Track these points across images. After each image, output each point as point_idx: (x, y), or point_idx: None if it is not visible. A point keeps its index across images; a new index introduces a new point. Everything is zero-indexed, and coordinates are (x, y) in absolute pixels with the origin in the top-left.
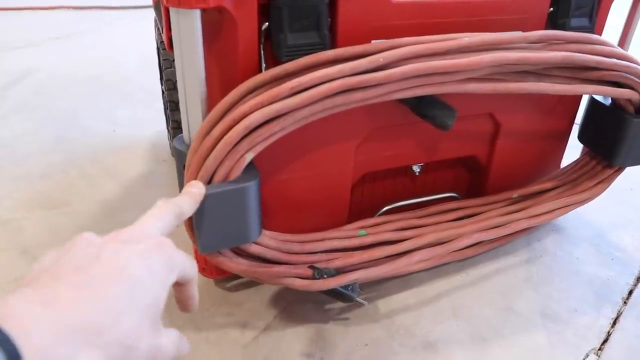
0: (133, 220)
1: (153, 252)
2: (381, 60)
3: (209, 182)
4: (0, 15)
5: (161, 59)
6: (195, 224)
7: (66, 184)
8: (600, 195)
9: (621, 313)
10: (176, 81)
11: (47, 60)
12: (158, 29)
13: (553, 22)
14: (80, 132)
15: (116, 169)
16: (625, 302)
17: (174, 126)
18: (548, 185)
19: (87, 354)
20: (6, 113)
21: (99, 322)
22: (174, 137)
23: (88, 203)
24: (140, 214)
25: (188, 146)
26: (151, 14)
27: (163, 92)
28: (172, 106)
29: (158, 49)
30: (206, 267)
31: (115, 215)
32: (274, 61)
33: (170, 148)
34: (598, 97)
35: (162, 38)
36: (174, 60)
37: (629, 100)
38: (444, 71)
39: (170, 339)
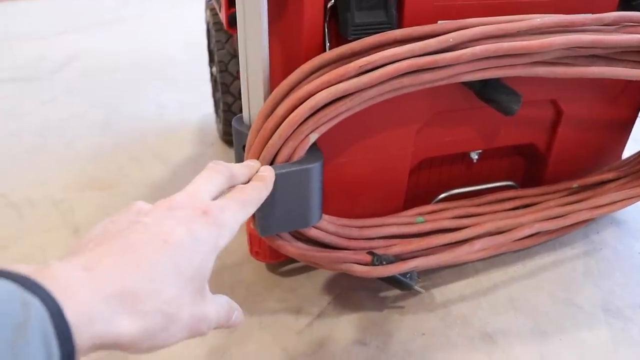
0: None
1: (199, 219)
2: (451, 40)
3: (271, 162)
4: (47, 1)
5: (213, 40)
6: None
7: (115, 166)
8: None
9: None
10: (228, 62)
11: (92, 45)
12: (211, 9)
13: (627, 2)
14: (127, 115)
15: (164, 152)
16: None
17: (225, 108)
18: (610, 175)
19: (126, 318)
20: (55, 96)
21: (139, 289)
22: (224, 119)
23: (137, 185)
24: None
25: (248, 126)
26: None
27: (212, 74)
28: (223, 88)
29: (208, 30)
30: (260, 251)
31: (163, 197)
32: (338, 40)
33: (218, 131)
34: None
35: (214, 19)
36: (226, 42)
37: None
38: (515, 53)
39: (216, 307)
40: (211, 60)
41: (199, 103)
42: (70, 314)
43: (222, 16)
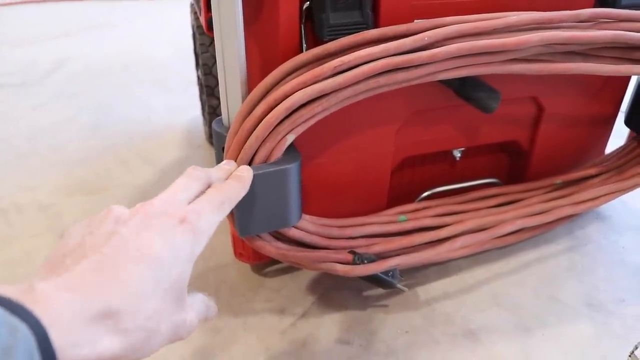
0: None
1: (177, 228)
2: (426, 39)
3: (249, 163)
4: (37, 7)
5: (197, 43)
6: (235, 206)
7: (103, 170)
8: None
9: None
10: (212, 65)
11: (81, 50)
12: (195, 13)
13: None
14: (116, 119)
15: (152, 155)
16: None
17: (210, 111)
18: (592, 171)
19: (109, 338)
20: (45, 101)
21: (122, 308)
22: (210, 122)
23: (125, 188)
24: None
25: (227, 128)
26: (181, 3)
27: (198, 77)
28: (208, 91)
29: (194, 34)
30: (243, 252)
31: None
32: (315, 41)
33: (205, 133)
34: None
35: (198, 23)
36: (210, 45)
37: None
38: (491, 50)
39: (195, 311)
40: (197, 64)
41: (187, 106)
42: (56, 338)
43: (202, 19)
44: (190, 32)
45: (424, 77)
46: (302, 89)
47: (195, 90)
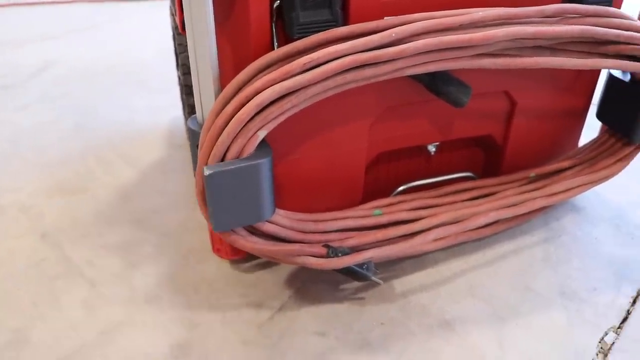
0: (149, 204)
1: None
2: (393, 35)
3: (221, 159)
4: (21, 9)
5: (176, 43)
6: (208, 201)
7: (85, 171)
8: (619, 175)
9: None
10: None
11: (65, 53)
12: (172, 14)
13: None
14: (99, 121)
15: (133, 156)
16: None
17: (189, 111)
18: (565, 164)
19: None
20: (27, 104)
21: None
22: None
23: (106, 188)
24: (156, 198)
25: (201, 126)
26: (166, 5)
27: (179, 77)
28: (187, 90)
29: (174, 35)
30: (221, 248)
31: (132, 200)
32: (286, 39)
33: (186, 133)
34: (617, 74)
35: (176, 24)
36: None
37: None
38: (457, 46)
39: None
40: (177, 64)
41: (170, 106)
42: None
43: (177, 20)
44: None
45: (392, 72)
46: (271, 85)
47: (177, 91)
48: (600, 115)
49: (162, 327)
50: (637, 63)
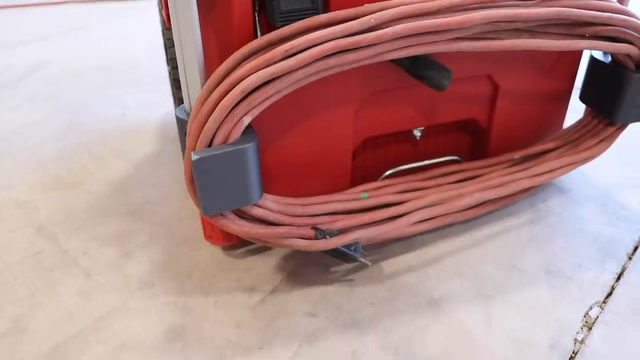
0: (142, 196)
1: None
2: (372, 21)
3: (209, 145)
4: (14, 11)
5: (165, 38)
6: (197, 186)
7: (78, 167)
8: (605, 156)
9: (626, 268)
10: None
11: (58, 53)
12: (160, 9)
13: None
14: (91, 118)
15: (126, 150)
16: (630, 258)
17: (179, 104)
18: (550, 145)
19: None
20: (19, 103)
21: None
22: None
23: (99, 183)
24: (149, 190)
25: (189, 114)
26: (156, 5)
27: (169, 72)
28: (177, 84)
29: (163, 30)
30: (213, 235)
31: (125, 193)
32: (269, 28)
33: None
34: (598, 55)
35: (164, 17)
36: None
37: (628, 56)
38: (435, 30)
39: None
40: (167, 58)
41: (161, 102)
42: None
43: (164, 14)
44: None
45: (372, 57)
46: (255, 72)
47: (169, 87)
48: (583, 98)
49: (156, 312)
50: (615, 44)
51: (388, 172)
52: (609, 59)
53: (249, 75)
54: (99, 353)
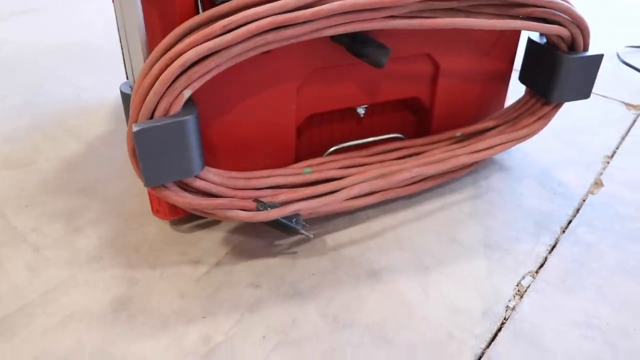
0: (94, 174)
1: None
2: None
3: (150, 117)
4: None
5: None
6: (139, 158)
7: (31, 146)
8: (545, 136)
9: (559, 240)
10: None
11: (13, 34)
12: None
13: None
14: (46, 98)
15: (80, 130)
16: (563, 231)
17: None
18: (490, 123)
19: None
20: None
21: None
22: None
23: (52, 161)
24: (101, 168)
25: (132, 89)
26: None
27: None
28: None
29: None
30: (160, 209)
31: (77, 171)
32: (210, 4)
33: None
34: (534, 37)
35: None
36: None
37: (560, 37)
38: (371, 7)
39: None
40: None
41: (117, 82)
42: None
43: None
44: None
45: (310, 33)
46: (194, 47)
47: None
48: (522, 78)
49: (103, 284)
50: (546, 25)
51: (332, 149)
52: (544, 40)
53: (188, 50)
54: (46, 324)
